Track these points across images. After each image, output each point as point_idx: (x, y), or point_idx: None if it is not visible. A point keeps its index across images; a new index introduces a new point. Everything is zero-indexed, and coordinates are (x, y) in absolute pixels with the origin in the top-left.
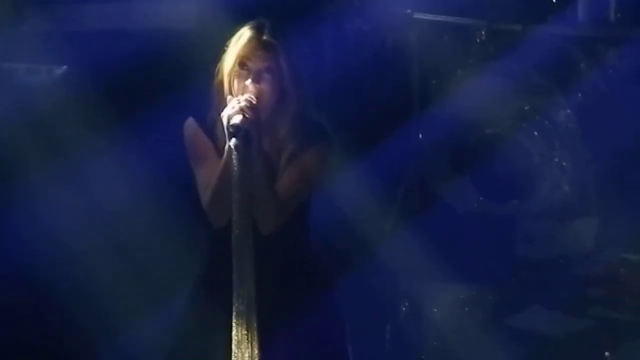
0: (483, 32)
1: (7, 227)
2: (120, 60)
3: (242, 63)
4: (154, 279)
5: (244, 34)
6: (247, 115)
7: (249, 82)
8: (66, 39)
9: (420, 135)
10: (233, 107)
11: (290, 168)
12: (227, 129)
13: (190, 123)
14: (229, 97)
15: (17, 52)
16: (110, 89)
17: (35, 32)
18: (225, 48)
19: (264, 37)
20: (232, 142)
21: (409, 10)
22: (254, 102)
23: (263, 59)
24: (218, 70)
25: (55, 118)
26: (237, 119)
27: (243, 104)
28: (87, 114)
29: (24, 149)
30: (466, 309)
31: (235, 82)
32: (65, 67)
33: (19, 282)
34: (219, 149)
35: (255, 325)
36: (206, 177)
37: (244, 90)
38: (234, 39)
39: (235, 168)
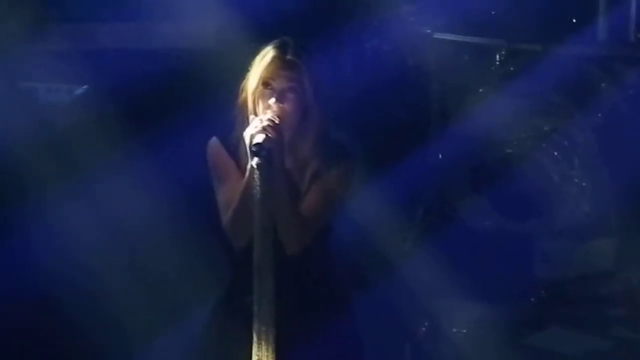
0: (503, 52)
1: (27, 244)
2: (140, 79)
3: (266, 83)
4: (172, 298)
5: (268, 54)
6: (269, 135)
7: (272, 101)
8: (86, 58)
9: (440, 155)
10: (255, 127)
11: (314, 188)
12: (250, 148)
13: (213, 142)
14: (251, 116)
15: (38, 71)
16: (130, 108)
17: (56, 52)
18: (249, 67)
19: (288, 57)
20: (255, 161)
21: (428, 30)
22: (276, 121)
23: (287, 79)
24: (242, 89)
25: (75, 136)
26: (259, 139)
27: (265, 123)
28: (107, 133)
29: (44, 167)
30: (485, 328)
31: (259, 101)
32: (85, 86)
33: (35, 299)
34: (242, 168)
35: (276, 345)
36: (228, 196)
37: (267, 110)
38: (258, 58)
39: (258, 187)
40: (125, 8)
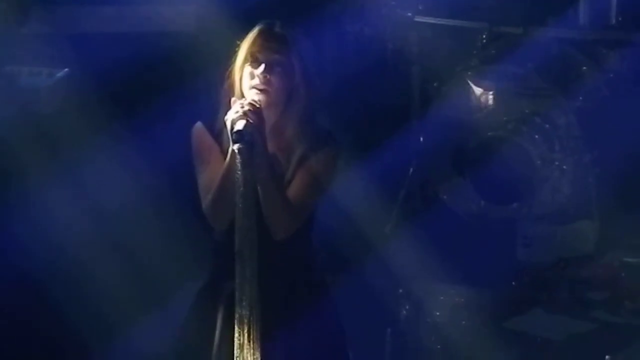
0: (484, 35)
1: (8, 229)
2: (122, 62)
3: (253, 56)
4: (155, 283)
5: (255, 30)
6: (250, 120)
7: (260, 70)
8: (68, 41)
9: (422, 138)
10: (237, 112)
11: (300, 173)
12: (231, 134)
13: (198, 127)
14: (234, 98)
15: (20, 55)
16: (112, 91)
17: (38, 35)
18: (235, 49)
19: (276, 29)
20: (236, 146)
21: (410, 14)
22: (257, 105)
23: (274, 51)
24: (229, 72)
25: (57, 120)
26: (240, 125)
27: (247, 108)
28: (89, 117)
29: (26, 151)
30: (467, 311)
31: (247, 74)
32: (67, 69)
33: (18, 284)
34: (225, 152)
35: (257, 329)
36: (209, 181)
37: (253, 82)
38: (246, 38)
39: (239, 172)
40: None
